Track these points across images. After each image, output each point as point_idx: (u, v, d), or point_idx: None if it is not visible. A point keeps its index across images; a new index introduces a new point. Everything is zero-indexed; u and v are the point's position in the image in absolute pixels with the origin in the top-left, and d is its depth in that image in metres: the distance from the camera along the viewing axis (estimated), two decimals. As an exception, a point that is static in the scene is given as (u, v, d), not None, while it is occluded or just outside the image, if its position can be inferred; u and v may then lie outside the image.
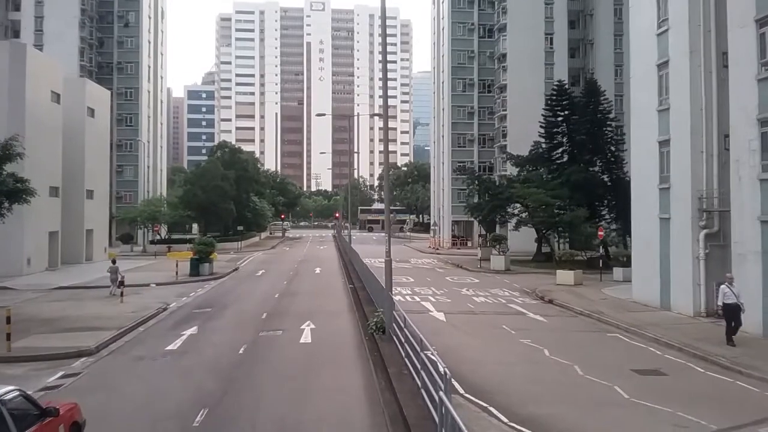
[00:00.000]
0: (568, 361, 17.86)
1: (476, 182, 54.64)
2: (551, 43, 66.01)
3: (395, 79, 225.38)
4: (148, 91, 78.04)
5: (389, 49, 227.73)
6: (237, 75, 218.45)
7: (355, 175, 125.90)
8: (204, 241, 43.31)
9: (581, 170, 49.41)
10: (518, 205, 51.81)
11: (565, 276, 36.71)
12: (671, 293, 26.61)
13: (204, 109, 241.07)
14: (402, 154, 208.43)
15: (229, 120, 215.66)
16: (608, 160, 50.48)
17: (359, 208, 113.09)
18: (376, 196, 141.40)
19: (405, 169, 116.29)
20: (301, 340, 21.13)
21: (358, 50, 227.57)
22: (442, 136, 74.13)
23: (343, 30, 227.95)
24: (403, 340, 16.03)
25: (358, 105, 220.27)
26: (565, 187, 48.09)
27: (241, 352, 19.08)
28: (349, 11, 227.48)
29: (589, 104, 50.40)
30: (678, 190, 26.17)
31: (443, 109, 74.03)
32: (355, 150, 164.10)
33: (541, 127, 53.99)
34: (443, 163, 73.72)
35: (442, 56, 74.12)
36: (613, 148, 50.40)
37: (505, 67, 66.40)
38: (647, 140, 28.85)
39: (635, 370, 17.02)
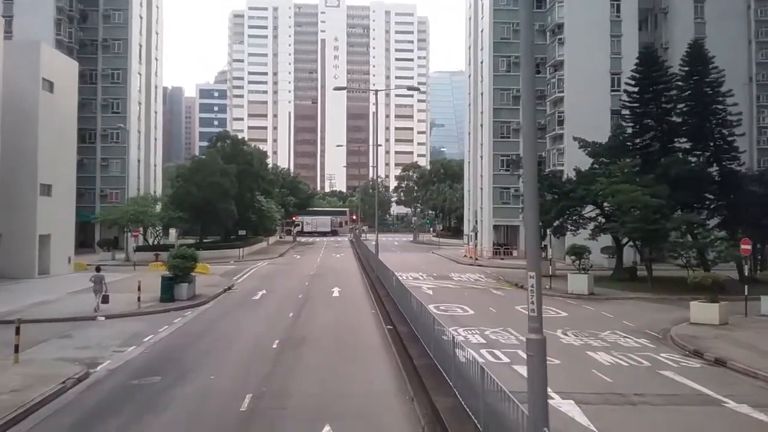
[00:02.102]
0: None
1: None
2: (618, 11, 53.38)
3: (412, 78, 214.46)
4: (139, 74, 66.10)
5: (406, 46, 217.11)
6: (250, 73, 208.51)
7: (372, 176, 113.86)
8: (182, 253, 31.05)
9: (682, 161, 36.90)
10: (592, 206, 39.42)
11: (705, 311, 24.12)
12: None
13: (216, 108, 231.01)
14: (418, 155, 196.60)
15: (242, 119, 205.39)
16: (717, 147, 37.77)
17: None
18: (394, 198, 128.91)
19: (429, 167, 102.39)
20: None
21: (373, 48, 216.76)
22: (480, 125, 61.65)
23: (358, 27, 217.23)
24: None
25: (373, 104, 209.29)
26: (662, 183, 35.60)
27: None
28: (364, 8, 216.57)
29: (692, 75, 37.71)
30: None
31: (481, 94, 61.55)
32: (376, 146, 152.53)
33: (622, 106, 41.62)
34: (481, 157, 61.23)
35: (481, 31, 61.65)
36: (725, 132, 37.70)
37: (562, 40, 53.84)
38: None
39: None
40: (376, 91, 42.29)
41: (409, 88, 48.32)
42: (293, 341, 20.83)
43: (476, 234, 59.82)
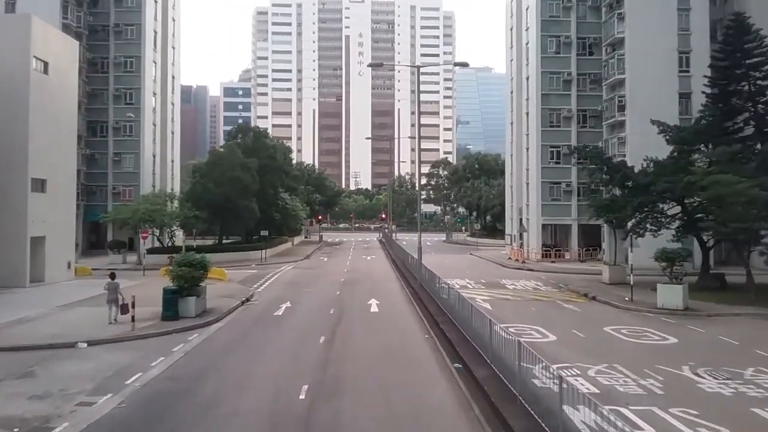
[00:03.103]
0: None
1: (606, 169, 35.66)
2: (686, -19, 46.62)
3: (437, 74, 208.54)
4: (154, 62, 60.79)
5: (431, 42, 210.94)
6: (273, 70, 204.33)
7: (399, 175, 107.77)
8: (189, 259, 25.23)
9: (788, 147, 30.27)
10: (674, 201, 32.92)
11: None
12: None
13: (240, 107, 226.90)
14: (444, 152, 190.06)
15: (266, 117, 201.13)
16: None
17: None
18: (423, 196, 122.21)
19: (463, 161, 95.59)
20: None
21: (398, 43, 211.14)
22: (526, 114, 55.14)
23: (383, 23, 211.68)
24: None
25: (398, 101, 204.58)
26: (763, 173, 29.07)
27: None
28: (389, 3, 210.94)
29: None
30: None
31: (527, 79, 55.04)
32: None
33: (707, 84, 35.00)
34: (527, 149, 54.75)
35: (526, 9, 55.11)
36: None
37: (621, 15, 47.17)
38: None
39: None
40: (418, 67, 35.91)
41: (456, 64, 41.71)
42: (327, 388, 14.78)
43: (521, 234, 53.40)
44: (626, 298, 29.53)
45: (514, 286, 35.70)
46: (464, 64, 31.50)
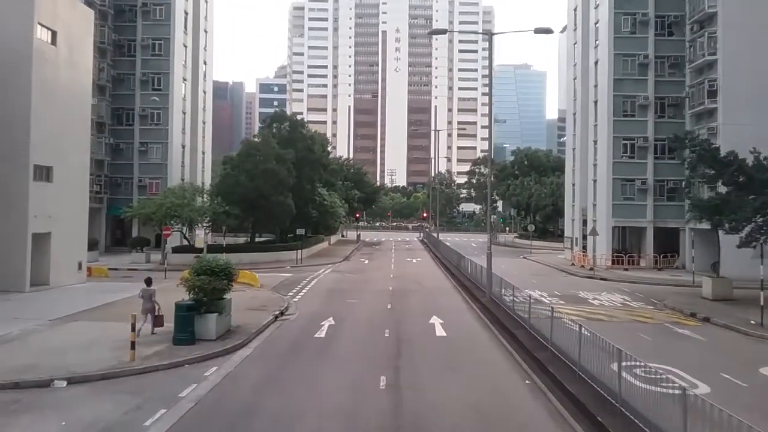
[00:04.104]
0: None
1: (711, 161, 29.15)
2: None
3: (475, 70, 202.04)
4: (184, 45, 55.82)
5: (469, 37, 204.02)
6: (309, 66, 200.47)
7: (434, 173, 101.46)
8: (210, 263, 19.72)
9: None
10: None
11: None
12: None
13: (276, 103, 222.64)
14: (482, 150, 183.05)
15: (301, 113, 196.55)
16: None
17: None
18: (464, 194, 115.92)
19: (512, 157, 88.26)
20: None
21: (436, 39, 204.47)
22: (594, 102, 48.57)
23: (421, 18, 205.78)
24: None
25: (435, 98, 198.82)
26: None
27: None
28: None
29: None
30: None
31: (595, 63, 48.46)
32: (432, 145, 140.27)
33: None
34: (594, 142, 48.22)
35: (596, -16, 48.56)
36: None
37: (714, -14, 40.48)
38: None
39: None
40: (490, 35, 29.88)
41: (537, 30, 35.10)
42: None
43: (588, 237, 46.96)
44: (752, 321, 23.22)
45: (599, 302, 29.46)
46: (547, 30, 25.30)
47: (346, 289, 32.53)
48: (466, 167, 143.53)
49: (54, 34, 29.44)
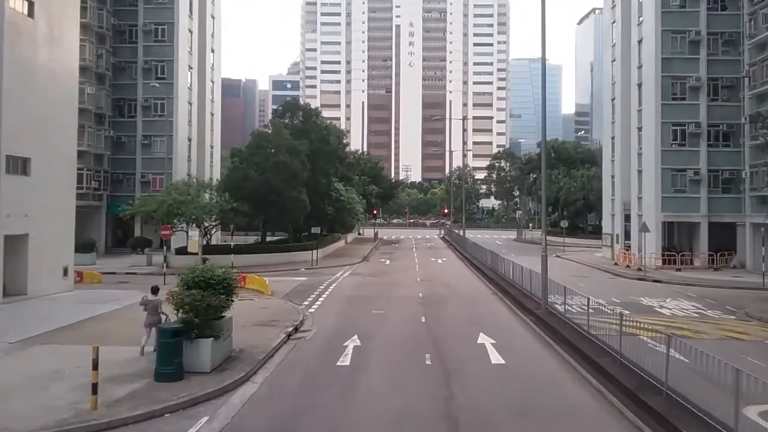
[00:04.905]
0: None
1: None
2: None
3: (491, 64, 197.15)
4: (190, 31, 51.52)
5: (485, 30, 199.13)
6: (322, 62, 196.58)
7: (448, 169, 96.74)
8: (205, 274, 15.35)
9: None
10: None
11: None
12: None
13: (289, 99, 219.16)
14: (498, 146, 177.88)
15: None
16: None
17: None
18: (483, 189, 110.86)
19: (537, 149, 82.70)
20: None
21: (450, 32, 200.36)
22: (637, 86, 43.62)
23: (434, 11, 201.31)
24: None
25: (450, 92, 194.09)
26: None
27: None
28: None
29: None
30: None
31: (639, 42, 43.49)
32: (447, 142, 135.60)
33: None
34: (639, 129, 43.31)
35: (640, -46, 43.54)
36: None
37: (781, -51, 35.47)
38: None
39: None
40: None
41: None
42: None
43: (627, 233, 42.17)
44: None
45: (669, 311, 24.74)
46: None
47: (370, 297, 28.04)
48: (482, 162, 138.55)
49: (31, 5, 25.18)
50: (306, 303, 25.73)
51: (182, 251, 39.79)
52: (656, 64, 40.33)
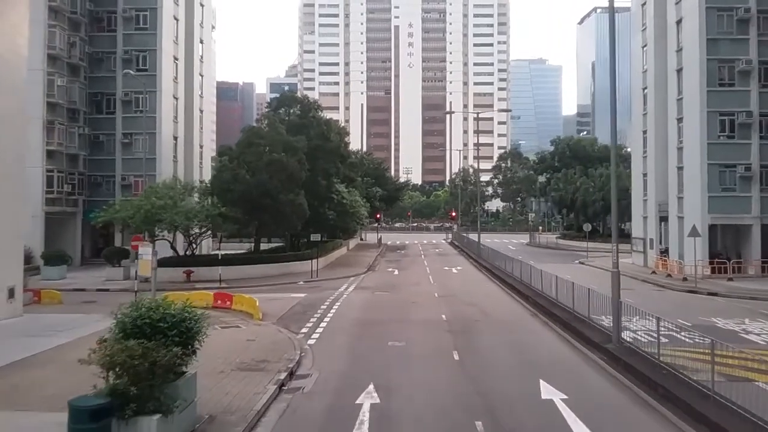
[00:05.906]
0: None
1: None
2: None
3: (491, 64, 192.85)
4: (175, 18, 46.29)
5: (485, 31, 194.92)
6: (321, 64, 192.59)
7: (450, 171, 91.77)
8: (150, 315, 10.20)
9: None
10: None
11: None
12: None
13: (285, 92, 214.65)
14: (499, 147, 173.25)
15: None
16: None
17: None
18: (489, 191, 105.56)
19: (552, 148, 76.74)
20: None
21: (450, 33, 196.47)
22: (676, 71, 38.36)
23: (434, 12, 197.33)
24: None
25: (450, 93, 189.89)
26: None
27: None
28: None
29: None
30: None
31: (677, 22, 38.26)
32: (448, 142, 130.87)
33: None
34: (679, 120, 38.08)
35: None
36: None
37: None
38: None
39: None
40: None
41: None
42: None
43: (662, 238, 36.93)
44: None
45: (758, 336, 19.50)
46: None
47: (382, 320, 22.72)
48: (484, 164, 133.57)
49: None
50: (304, 331, 20.47)
51: (165, 263, 34.44)
52: (701, 45, 35.12)
